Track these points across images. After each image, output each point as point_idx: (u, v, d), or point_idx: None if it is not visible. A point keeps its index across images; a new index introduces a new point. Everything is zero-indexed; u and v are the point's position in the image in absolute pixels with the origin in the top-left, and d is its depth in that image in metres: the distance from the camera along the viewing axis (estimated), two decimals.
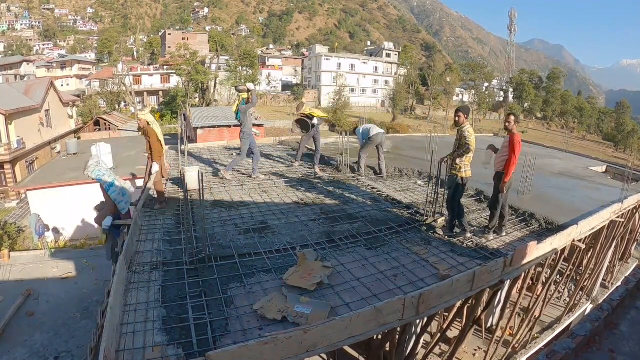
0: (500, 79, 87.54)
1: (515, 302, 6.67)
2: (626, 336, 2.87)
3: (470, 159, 5.43)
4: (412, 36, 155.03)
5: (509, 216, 6.05)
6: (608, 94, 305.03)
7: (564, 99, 78.09)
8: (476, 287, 4.15)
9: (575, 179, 9.85)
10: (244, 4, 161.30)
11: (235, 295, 3.91)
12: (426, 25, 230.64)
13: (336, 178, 8.51)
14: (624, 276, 10.47)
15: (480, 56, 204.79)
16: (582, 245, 5.94)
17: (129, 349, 3.10)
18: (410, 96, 62.23)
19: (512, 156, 5.23)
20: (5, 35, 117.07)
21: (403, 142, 14.39)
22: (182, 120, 11.76)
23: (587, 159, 14.26)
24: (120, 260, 3.99)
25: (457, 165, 5.43)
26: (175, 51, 48.87)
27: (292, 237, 5.37)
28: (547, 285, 6.75)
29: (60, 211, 14.95)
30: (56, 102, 29.36)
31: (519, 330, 7.03)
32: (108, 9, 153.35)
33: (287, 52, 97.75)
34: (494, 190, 5.57)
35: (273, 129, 39.01)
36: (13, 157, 21.72)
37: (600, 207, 7.01)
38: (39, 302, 9.84)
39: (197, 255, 4.59)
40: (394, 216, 6.29)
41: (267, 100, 58.24)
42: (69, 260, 12.62)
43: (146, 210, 6.28)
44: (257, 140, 9.10)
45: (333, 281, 4.17)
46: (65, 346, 8.19)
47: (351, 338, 3.23)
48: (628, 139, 67.80)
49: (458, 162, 5.41)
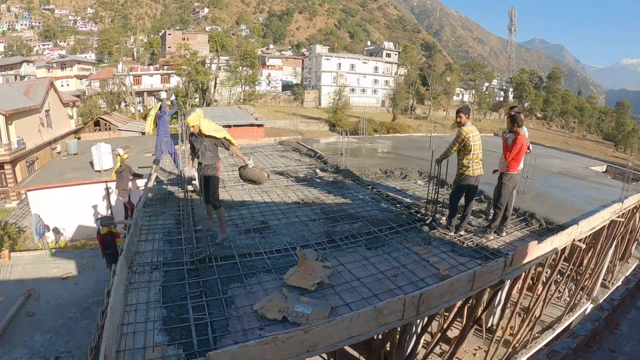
0: (500, 79, 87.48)
1: (515, 301, 6.67)
2: (627, 336, 2.87)
3: (477, 157, 5.38)
4: (412, 36, 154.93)
5: (510, 217, 6.05)
6: (608, 94, 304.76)
7: (564, 99, 77.99)
8: (476, 286, 4.14)
9: (575, 179, 9.84)
10: (244, 4, 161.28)
11: (236, 295, 3.91)
12: (426, 25, 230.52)
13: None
14: (624, 276, 10.46)
15: (480, 56, 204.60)
16: (582, 244, 5.93)
17: (130, 349, 3.10)
18: (410, 96, 62.16)
19: (512, 151, 5.32)
20: (5, 35, 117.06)
21: (403, 142, 14.39)
22: (182, 120, 11.76)
23: (587, 158, 14.26)
24: (120, 260, 3.99)
25: (464, 166, 5.43)
26: (175, 51, 48.82)
27: (292, 237, 5.37)
28: (548, 284, 6.75)
29: (60, 211, 14.96)
30: (56, 102, 29.37)
31: (519, 330, 7.02)
32: (108, 9, 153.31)
33: (287, 52, 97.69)
34: (499, 190, 5.56)
35: (273, 129, 38.99)
36: (13, 157, 21.73)
37: (600, 206, 7.01)
38: (39, 302, 9.84)
39: (198, 255, 4.59)
40: (394, 216, 6.29)
41: (267, 100, 58.20)
42: (69, 260, 12.62)
43: (146, 210, 6.28)
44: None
45: (333, 281, 4.17)
46: (65, 346, 8.18)
47: (351, 338, 3.23)
48: (628, 139, 67.71)
49: (465, 162, 5.41)
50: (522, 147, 5.31)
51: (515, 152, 5.30)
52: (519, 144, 5.29)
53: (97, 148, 16.05)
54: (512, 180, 5.45)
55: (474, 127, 5.43)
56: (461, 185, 5.54)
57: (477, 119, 61.44)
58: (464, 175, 5.45)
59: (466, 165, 5.40)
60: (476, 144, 5.33)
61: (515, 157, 5.34)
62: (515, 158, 5.34)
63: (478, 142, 5.35)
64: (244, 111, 24.34)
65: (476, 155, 5.34)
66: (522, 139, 5.32)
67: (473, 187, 5.52)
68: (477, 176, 5.44)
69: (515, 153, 5.30)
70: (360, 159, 10.54)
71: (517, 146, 5.29)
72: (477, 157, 5.37)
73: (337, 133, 33.70)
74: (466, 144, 5.30)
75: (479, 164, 5.41)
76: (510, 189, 5.48)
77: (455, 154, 5.51)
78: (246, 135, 20.31)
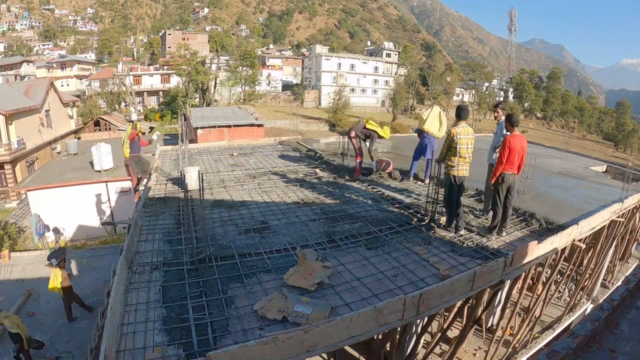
0: (500, 79, 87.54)
1: (515, 301, 6.67)
2: (626, 336, 2.87)
3: (463, 159, 5.40)
4: (412, 36, 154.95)
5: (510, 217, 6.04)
6: (608, 94, 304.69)
7: (564, 99, 78.04)
8: (476, 286, 4.14)
9: (575, 179, 9.84)
10: (244, 4, 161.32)
11: (236, 295, 3.91)
12: (426, 25, 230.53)
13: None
14: (624, 276, 10.46)
15: (480, 56, 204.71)
16: (582, 244, 5.93)
17: (130, 349, 3.10)
18: (410, 96, 62.18)
19: (499, 156, 5.37)
20: (5, 35, 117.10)
21: (403, 142, 14.38)
22: (182, 121, 11.77)
23: (587, 158, 14.25)
24: (120, 261, 3.99)
25: (449, 165, 5.53)
26: (175, 51, 48.83)
27: (292, 237, 5.37)
28: (548, 284, 6.75)
29: (60, 211, 14.97)
30: (56, 102, 29.38)
31: (519, 330, 7.02)
32: (108, 9, 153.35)
33: (287, 52, 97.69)
34: (493, 191, 5.57)
35: (273, 129, 38.97)
36: (13, 157, 21.73)
37: (600, 206, 7.00)
38: (39, 303, 9.84)
39: (198, 255, 4.59)
40: (394, 216, 6.28)
41: (267, 101, 58.21)
42: (69, 260, 12.61)
43: (146, 210, 6.28)
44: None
45: (333, 281, 4.17)
46: (65, 346, 8.19)
47: (351, 338, 3.23)
48: (628, 139, 67.77)
49: (450, 162, 5.48)
50: (511, 148, 5.21)
51: (506, 153, 5.24)
52: (505, 145, 5.23)
53: (97, 148, 16.08)
54: (505, 181, 5.41)
55: (469, 128, 5.44)
56: (452, 185, 5.58)
57: (477, 119, 61.42)
58: (448, 174, 5.55)
59: (451, 165, 5.47)
60: (463, 147, 5.35)
61: (507, 159, 5.26)
62: (507, 160, 5.26)
63: (466, 145, 5.36)
64: (244, 111, 24.35)
65: (462, 157, 5.38)
66: (507, 141, 5.25)
67: (459, 186, 5.55)
68: (461, 177, 5.48)
69: (506, 154, 5.24)
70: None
71: (504, 148, 5.24)
72: (465, 159, 5.41)
73: (337, 133, 33.70)
74: (453, 145, 5.35)
75: (465, 166, 5.45)
76: (504, 189, 5.44)
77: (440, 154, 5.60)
78: (246, 135, 20.32)
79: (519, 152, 5.28)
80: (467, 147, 5.37)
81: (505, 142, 5.25)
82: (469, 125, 5.52)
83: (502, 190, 5.41)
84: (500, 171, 5.33)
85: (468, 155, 5.42)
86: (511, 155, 5.23)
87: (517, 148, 5.24)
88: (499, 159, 5.32)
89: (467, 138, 5.36)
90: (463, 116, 5.50)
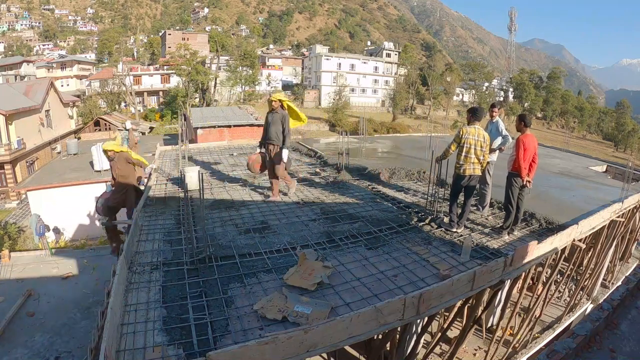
0: (501, 79, 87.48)
1: (515, 301, 6.66)
2: (627, 336, 2.87)
3: (470, 158, 5.42)
4: (412, 36, 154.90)
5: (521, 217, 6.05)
6: (608, 94, 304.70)
7: (564, 99, 78.00)
8: (476, 286, 4.14)
9: (575, 179, 9.84)
10: (244, 4, 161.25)
11: (236, 295, 3.90)
12: (426, 25, 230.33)
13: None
14: (624, 276, 10.46)
15: (480, 56, 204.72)
16: (582, 244, 5.93)
17: (130, 349, 3.10)
18: (410, 96, 62.16)
19: (516, 155, 5.41)
20: (5, 35, 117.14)
21: (403, 142, 14.39)
22: (182, 121, 11.77)
23: (587, 158, 14.26)
24: (120, 260, 3.99)
25: (456, 164, 5.59)
26: (175, 51, 48.82)
27: (292, 237, 5.37)
28: (548, 284, 6.75)
29: (60, 211, 14.98)
30: (56, 102, 29.39)
31: (519, 330, 7.02)
32: (108, 10, 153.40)
33: (287, 52, 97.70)
34: (506, 190, 5.58)
35: None
36: (13, 157, 21.74)
37: (600, 206, 7.01)
38: (39, 303, 9.84)
39: (198, 255, 4.59)
40: (394, 216, 6.28)
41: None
42: (69, 260, 12.63)
43: (146, 210, 6.28)
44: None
45: (333, 281, 4.17)
46: (65, 346, 8.19)
47: (351, 338, 3.23)
48: (628, 139, 67.79)
49: (459, 161, 5.52)
50: (526, 148, 5.31)
51: (521, 152, 5.31)
52: (520, 145, 5.33)
53: (97, 148, 16.07)
54: (519, 181, 5.46)
55: (480, 130, 5.46)
56: (456, 184, 5.62)
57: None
58: (456, 173, 5.60)
59: (459, 164, 5.50)
60: (471, 147, 5.37)
61: (522, 158, 5.35)
62: (523, 158, 5.35)
63: (474, 145, 5.38)
64: (244, 111, 24.34)
65: (469, 156, 5.40)
66: (521, 140, 5.36)
67: (470, 186, 5.57)
68: (469, 176, 5.48)
69: (522, 154, 5.31)
70: (360, 159, 10.53)
71: (520, 147, 5.33)
72: (470, 159, 5.42)
73: (337, 133, 33.69)
74: (462, 144, 5.40)
75: (473, 165, 5.45)
76: (517, 189, 5.49)
77: (455, 153, 5.59)
78: (246, 135, 20.30)
79: (532, 151, 5.41)
80: (474, 148, 5.39)
81: (520, 142, 5.35)
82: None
83: (517, 190, 5.47)
84: (525, 169, 5.36)
85: (474, 156, 5.42)
86: (526, 154, 5.34)
87: (531, 147, 5.38)
88: (517, 158, 5.37)
89: (475, 139, 5.38)
90: (478, 117, 5.52)
